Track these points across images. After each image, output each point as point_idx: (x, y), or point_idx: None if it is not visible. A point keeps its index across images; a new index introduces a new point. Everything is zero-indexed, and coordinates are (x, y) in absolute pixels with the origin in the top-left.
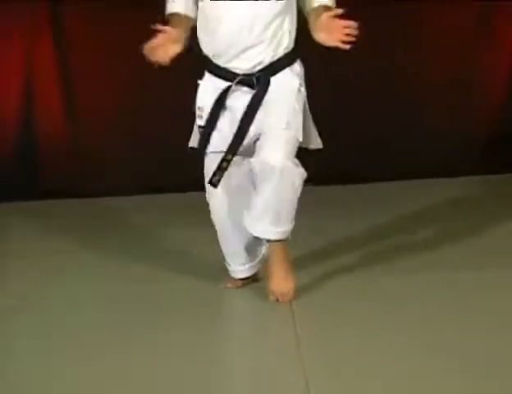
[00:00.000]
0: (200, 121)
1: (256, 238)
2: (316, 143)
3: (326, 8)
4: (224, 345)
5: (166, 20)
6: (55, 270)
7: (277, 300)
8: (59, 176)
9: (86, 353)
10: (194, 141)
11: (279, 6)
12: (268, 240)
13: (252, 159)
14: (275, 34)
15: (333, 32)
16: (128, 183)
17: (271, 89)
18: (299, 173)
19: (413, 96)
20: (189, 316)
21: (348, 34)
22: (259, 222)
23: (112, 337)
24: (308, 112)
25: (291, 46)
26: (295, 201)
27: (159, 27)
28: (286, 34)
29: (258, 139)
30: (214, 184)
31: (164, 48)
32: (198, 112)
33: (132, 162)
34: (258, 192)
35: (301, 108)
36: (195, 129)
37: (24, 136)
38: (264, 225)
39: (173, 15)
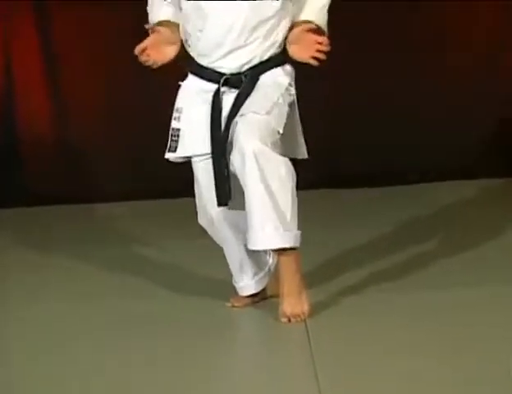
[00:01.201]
0: (176, 124)
1: None
2: (302, 153)
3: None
4: (236, 367)
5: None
6: (48, 283)
7: (289, 321)
8: (48, 181)
9: (84, 370)
10: (169, 149)
11: (273, 6)
12: (275, 251)
13: (231, 157)
14: (268, 35)
15: (306, 47)
16: (123, 188)
17: (258, 82)
18: (281, 160)
19: (419, 100)
20: (196, 337)
21: (320, 51)
22: (258, 231)
23: (110, 359)
24: (299, 122)
25: (281, 46)
26: (289, 197)
27: (151, 26)
28: (280, 35)
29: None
30: (224, 204)
31: (157, 49)
32: (175, 114)
33: (126, 166)
34: (246, 197)
35: (286, 105)
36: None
37: (8, 141)
38: (262, 233)
39: (161, 23)
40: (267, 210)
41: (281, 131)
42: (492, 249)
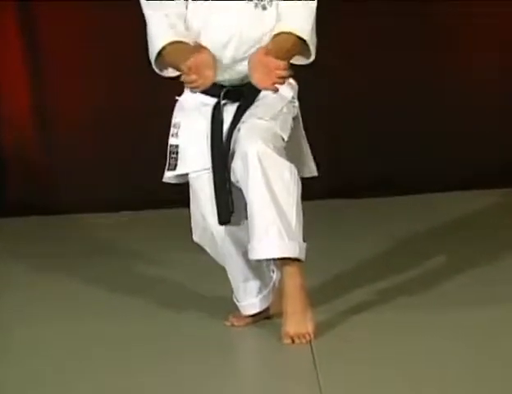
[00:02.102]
0: (174, 140)
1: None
2: (310, 170)
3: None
4: (236, 393)
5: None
6: (34, 301)
7: (293, 342)
8: (28, 190)
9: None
10: (169, 167)
11: (272, 17)
12: (275, 261)
13: (232, 165)
14: None
15: (266, 74)
16: (112, 198)
17: (260, 94)
18: (285, 164)
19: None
20: (194, 359)
21: (280, 77)
22: (261, 238)
23: (106, 382)
24: (304, 137)
25: None
26: (294, 204)
27: (198, 44)
28: None
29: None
30: (225, 222)
31: (200, 72)
32: (172, 130)
33: (114, 174)
34: (248, 203)
35: (290, 115)
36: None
37: None
38: (265, 240)
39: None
40: (270, 216)
41: (286, 139)
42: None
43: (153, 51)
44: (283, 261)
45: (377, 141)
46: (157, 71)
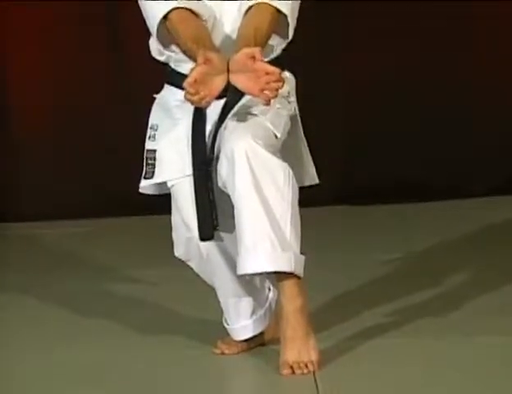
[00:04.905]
0: (151, 144)
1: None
2: (311, 178)
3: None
4: None
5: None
6: None
7: (293, 373)
8: None
9: None
10: (145, 175)
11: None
12: (270, 276)
13: (218, 166)
14: None
15: (254, 78)
16: (75, 204)
17: None
18: (278, 164)
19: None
20: None
21: (272, 86)
22: (249, 250)
23: None
24: (304, 141)
25: (278, 50)
26: (289, 211)
27: (205, 55)
28: (276, 38)
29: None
30: (207, 237)
31: (205, 83)
32: (149, 132)
33: (80, 178)
34: (236, 209)
35: (285, 111)
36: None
37: None
38: (255, 252)
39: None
40: (261, 225)
41: (279, 136)
42: None
43: (155, 20)
44: (278, 277)
45: (391, 143)
46: (159, 47)
